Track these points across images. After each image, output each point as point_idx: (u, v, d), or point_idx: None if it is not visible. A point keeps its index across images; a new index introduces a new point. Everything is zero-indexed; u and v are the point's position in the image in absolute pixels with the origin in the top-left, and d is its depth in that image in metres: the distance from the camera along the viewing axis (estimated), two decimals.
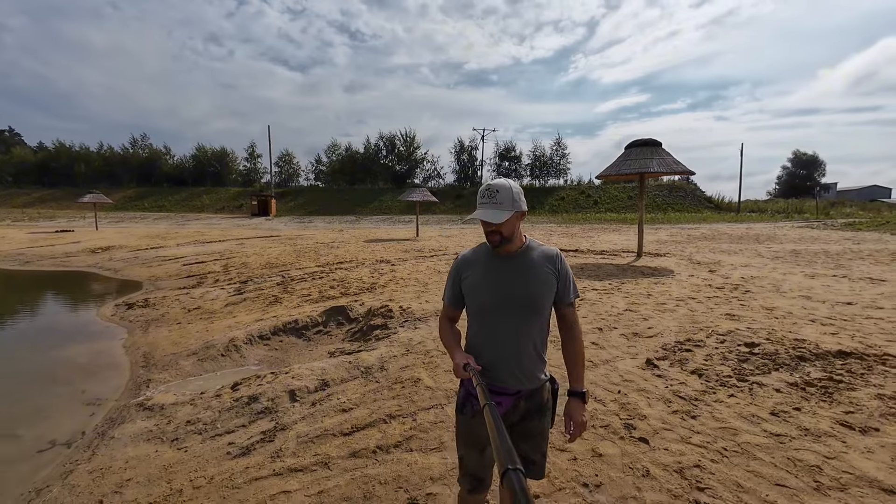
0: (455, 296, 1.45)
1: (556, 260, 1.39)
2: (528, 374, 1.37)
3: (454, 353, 1.35)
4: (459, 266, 1.45)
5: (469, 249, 1.49)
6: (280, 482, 2.25)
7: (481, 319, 1.39)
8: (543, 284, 1.35)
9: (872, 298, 4.73)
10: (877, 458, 1.94)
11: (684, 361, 3.15)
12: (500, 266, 1.37)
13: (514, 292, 1.34)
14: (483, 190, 1.35)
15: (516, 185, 1.34)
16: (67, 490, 2.44)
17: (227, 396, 3.41)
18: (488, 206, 1.32)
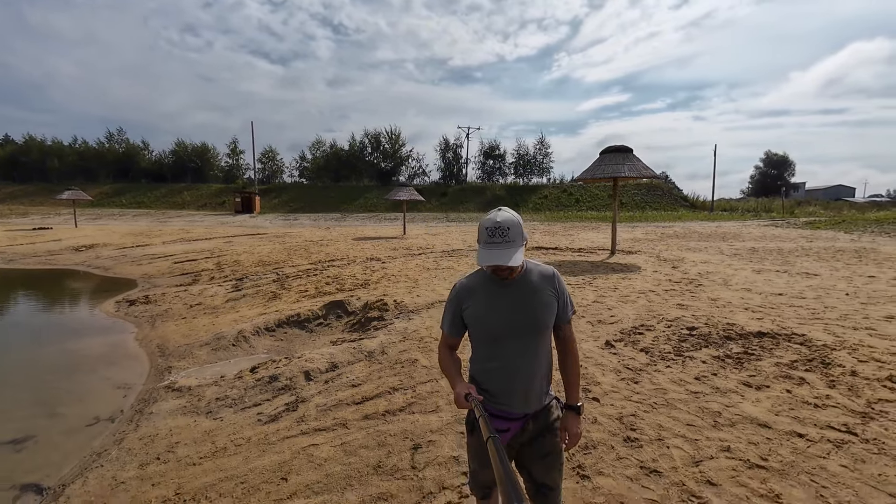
0: (455, 325, 1.42)
1: (554, 280, 1.39)
2: (538, 397, 1.37)
3: (455, 382, 1.33)
4: (460, 295, 1.41)
5: (466, 277, 1.46)
6: (308, 439, 2.79)
7: (488, 347, 1.38)
8: (547, 307, 1.36)
9: (801, 290, 5.54)
10: (761, 405, 2.62)
11: (636, 342, 3.82)
12: (503, 293, 1.35)
13: (520, 318, 1.33)
14: (491, 228, 1.27)
15: (517, 215, 1.33)
16: (124, 452, 2.93)
17: (249, 378, 3.92)
18: (501, 245, 1.26)
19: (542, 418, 1.40)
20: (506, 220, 1.28)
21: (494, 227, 1.26)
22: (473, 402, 1.21)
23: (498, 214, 1.30)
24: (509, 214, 1.30)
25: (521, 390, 1.34)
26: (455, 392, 1.29)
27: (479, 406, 1.17)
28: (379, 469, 2.38)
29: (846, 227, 18.77)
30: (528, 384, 1.35)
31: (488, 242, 1.27)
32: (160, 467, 2.69)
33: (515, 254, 1.25)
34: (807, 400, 2.65)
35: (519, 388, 1.34)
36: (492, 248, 1.26)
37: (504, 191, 39.73)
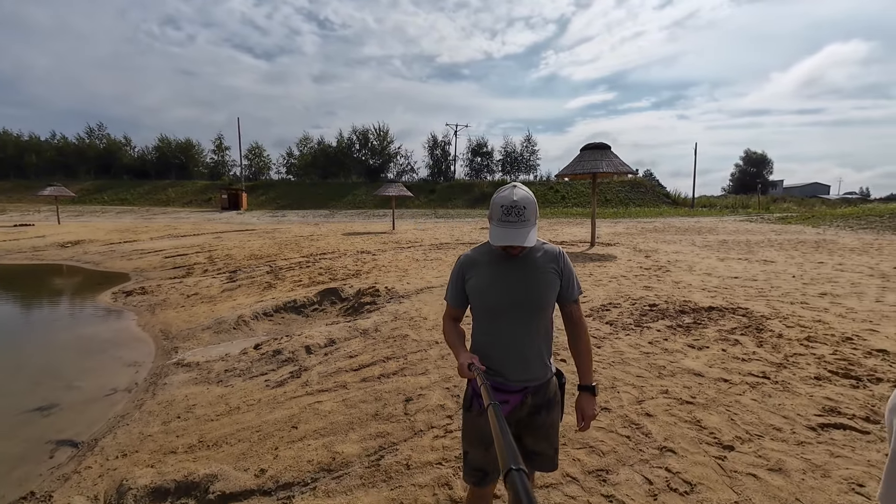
0: (458, 296, 1.42)
1: (559, 259, 1.38)
2: (535, 372, 1.37)
3: (459, 352, 1.33)
4: (463, 266, 1.42)
5: (472, 249, 1.46)
6: (312, 398, 3.18)
7: (488, 320, 1.39)
8: (549, 285, 1.35)
9: (755, 274, 6.12)
10: (699, 361, 3.11)
11: (603, 317, 4.30)
12: (506, 267, 1.35)
13: (520, 294, 1.33)
14: (507, 206, 1.25)
15: (531, 193, 1.31)
16: (146, 414, 3.28)
17: (253, 353, 4.28)
18: (517, 224, 1.25)
19: (542, 393, 1.39)
20: (522, 198, 1.25)
21: (511, 205, 1.23)
22: (476, 371, 1.20)
23: (514, 192, 1.26)
24: (525, 192, 1.27)
25: (517, 365, 1.35)
26: (459, 362, 1.29)
27: (481, 375, 1.16)
28: (376, 416, 2.79)
29: (814, 221, 19.74)
30: (524, 359, 1.35)
31: (503, 220, 1.24)
32: (181, 423, 3.05)
33: (530, 233, 1.24)
34: (736, 356, 3.15)
35: (516, 361, 1.35)
36: (507, 227, 1.24)
37: (492, 188, 40.26)
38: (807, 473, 1.91)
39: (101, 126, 50.59)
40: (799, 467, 1.95)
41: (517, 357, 1.35)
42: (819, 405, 2.43)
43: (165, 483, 2.33)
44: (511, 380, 1.36)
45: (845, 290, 4.94)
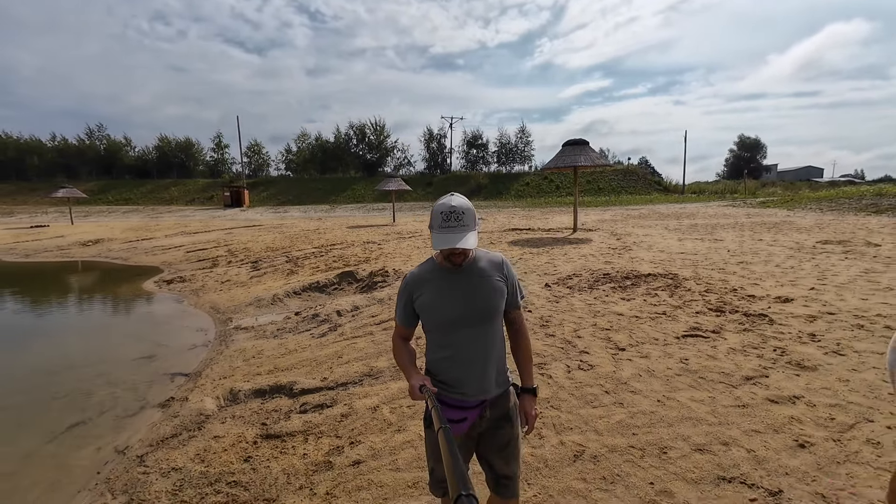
0: (408, 316, 1.43)
1: (503, 266, 1.41)
2: (492, 383, 1.38)
3: (410, 374, 1.34)
4: (409, 285, 1.42)
5: (417, 267, 1.46)
6: (348, 342, 4.41)
7: (440, 335, 1.39)
8: (497, 294, 1.37)
9: (699, 250, 7.37)
10: (624, 306, 4.36)
11: (565, 283, 5.54)
12: (453, 281, 1.36)
13: (470, 306, 1.34)
14: (447, 212, 1.29)
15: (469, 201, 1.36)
16: (228, 357, 4.50)
17: (295, 318, 5.51)
18: (457, 229, 1.28)
19: (500, 405, 1.41)
20: (460, 204, 1.30)
21: (450, 211, 1.28)
22: (427, 393, 1.22)
23: (452, 199, 1.33)
24: (463, 199, 1.33)
25: (475, 378, 1.36)
26: (410, 384, 1.30)
27: (432, 397, 1.19)
28: None
29: (791, 205, 20.93)
30: (483, 371, 1.36)
31: (443, 227, 1.29)
32: (257, 360, 4.28)
33: (470, 237, 1.27)
34: (651, 303, 4.41)
35: (473, 375, 1.36)
36: (447, 233, 1.28)
37: (487, 179, 41.26)
38: (661, 358, 3.16)
39: (100, 127, 51.30)
40: (659, 355, 3.21)
41: (473, 369, 1.36)
42: (688, 326, 3.68)
43: (262, 387, 3.57)
44: (469, 395, 1.36)
45: (759, 259, 6.20)
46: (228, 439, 2.83)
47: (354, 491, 2.17)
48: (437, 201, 1.35)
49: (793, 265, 5.74)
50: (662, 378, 2.86)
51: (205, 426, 3.08)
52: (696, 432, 2.23)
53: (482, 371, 1.37)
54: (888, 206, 14.87)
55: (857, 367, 2.76)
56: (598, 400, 2.66)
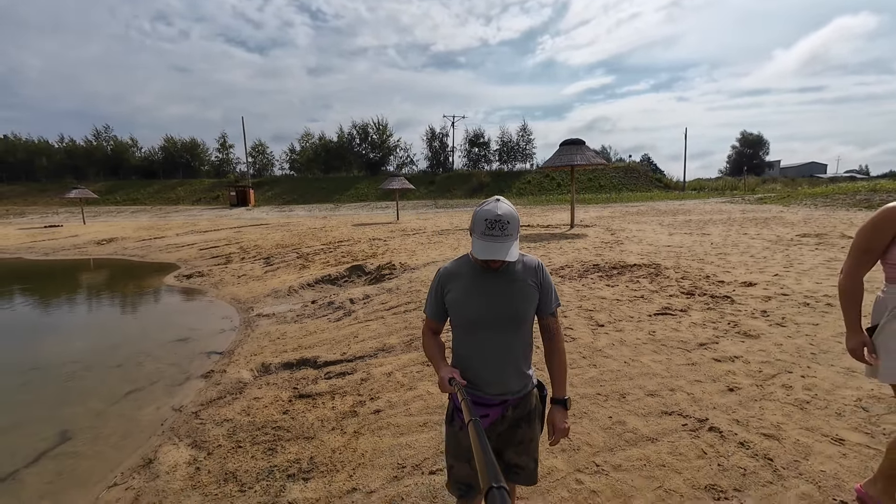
0: (438, 310, 1.44)
1: (538, 271, 1.40)
2: (515, 384, 1.39)
3: (439, 367, 1.36)
4: (442, 280, 1.43)
5: (451, 262, 1.46)
6: (362, 324, 4.96)
7: (467, 333, 1.40)
8: (528, 297, 1.36)
9: (684, 243, 7.87)
10: (608, 291, 4.89)
11: (557, 272, 6.07)
12: (486, 280, 1.35)
13: (499, 308, 1.34)
14: (492, 220, 1.26)
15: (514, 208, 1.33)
16: (254, 339, 5.06)
17: (312, 306, 6.07)
18: (500, 238, 1.26)
19: (522, 406, 1.42)
20: (506, 213, 1.28)
21: (495, 219, 1.26)
22: (457, 386, 1.22)
23: (498, 206, 1.29)
24: (509, 207, 1.31)
25: (498, 376, 1.36)
26: (439, 376, 1.31)
27: (462, 390, 1.19)
28: (406, 327, 4.57)
29: (787, 201, 21.29)
30: (501, 373, 1.36)
31: (487, 234, 1.26)
32: (282, 340, 4.84)
33: (513, 248, 1.27)
34: (632, 288, 4.94)
35: (496, 374, 1.36)
36: (491, 241, 1.26)
37: (489, 177, 41.70)
38: (633, 331, 3.69)
39: (107, 128, 52.01)
40: (632, 329, 3.74)
41: (497, 370, 1.36)
42: (661, 306, 4.22)
43: (289, 361, 4.12)
44: (491, 393, 1.37)
45: (737, 251, 6.72)
46: (267, 399, 3.39)
47: (377, 430, 2.71)
48: (482, 206, 1.32)
49: (766, 255, 6.25)
50: (631, 346, 3.39)
51: (244, 391, 3.64)
52: (651, 383, 2.77)
53: (503, 372, 1.37)
54: (880, 202, 15.29)
55: (793, 335, 3.29)
56: (575, 363, 3.20)
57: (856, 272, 1.61)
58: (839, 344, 3.02)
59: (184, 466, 2.58)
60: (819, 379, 2.61)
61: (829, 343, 3.09)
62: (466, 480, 1.43)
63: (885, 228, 1.54)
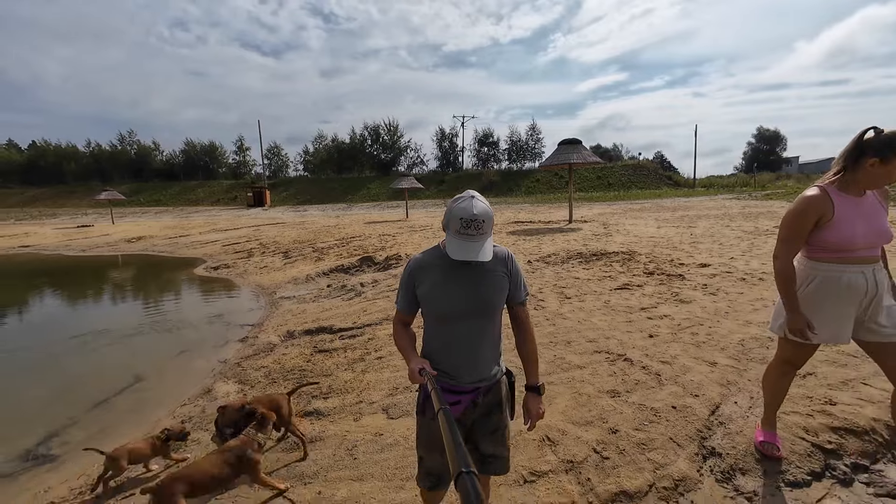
0: (409, 302, 1.44)
1: (507, 261, 1.42)
2: (487, 372, 1.42)
3: (410, 358, 1.37)
4: (413, 272, 1.43)
5: (421, 253, 1.46)
6: (370, 303, 5.79)
7: (439, 324, 1.42)
8: (500, 288, 1.39)
9: (668, 234, 8.51)
10: (584, 273, 5.62)
11: (543, 260, 6.81)
12: (457, 272, 1.36)
13: (472, 298, 1.36)
14: (467, 220, 1.26)
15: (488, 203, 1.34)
16: (278, 315, 5.93)
17: (327, 289, 6.93)
18: (475, 238, 1.29)
19: (493, 392, 1.46)
20: (482, 212, 1.28)
21: (471, 219, 1.26)
22: (427, 376, 1.25)
23: (474, 204, 1.29)
24: (484, 205, 1.31)
25: (469, 367, 1.40)
26: (409, 367, 1.33)
27: (432, 380, 1.21)
28: None
29: (792, 196, 21.47)
30: (476, 361, 1.40)
31: (462, 233, 1.28)
32: (302, 315, 5.70)
33: (487, 246, 1.30)
34: (604, 271, 5.66)
35: (467, 364, 1.40)
36: (466, 241, 1.28)
37: (498, 176, 42.29)
38: (593, 301, 4.43)
39: (131, 132, 54.33)
40: (593, 300, 4.48)
41: (470, 358, 1.40)
42: (622, 282, 4.94)
43: (310, 328, 4.97)
44: (464, 381, 1.40)
45: (711, 240, 7.36)
46: (292, 354, 4.24)
47: (379, 369, 3.53)
48: (456, 202, 1.33)
49: (733, 244, 6.88)
50: (587, 311, 4.14)
51: (274, 350, 4.50)
52: (592, 334, 3.52)
53: (476, 361, 1.40)
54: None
55: (718, 301, 3.99)
56: (539, 324, 3.96)
57: (790, 258, 1.78)
58: (750, 305, 3.73)
59: (234, 393, 3.43)
60: (720, 328, 3.33)
61: (742, 306, 3.80)
62: (436, 471, 1.46)
63: (809, 214, 1.72)
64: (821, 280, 1.75)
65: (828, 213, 1.70)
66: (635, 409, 2.40)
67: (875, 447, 1.96)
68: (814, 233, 1.74)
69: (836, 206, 1.70)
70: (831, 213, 1.70)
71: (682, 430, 2.19)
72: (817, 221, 1.72)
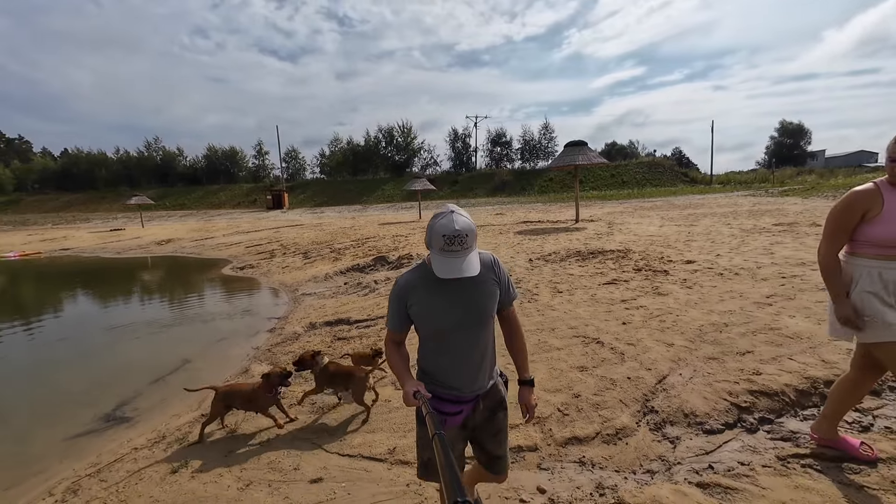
0: (401, 322, 1.44)
1: (494, 267, 1.44)
2: (486, 377, 1.47)
3: (405, 381, 1.37)
4: (402, 293, 1.41)
5: (408, 272, 1.46)
6: (383, 297, 6.38)
7: (436, 340, 1.43)
8: (490, 296, 1.41)
9: (667, 233, 8.86)
10: (578, 270, 6.10)
11: (544, 258, 7.30)
12: (447, 287, 1.35)
13: (464, 312, 1.37)
14: (450, 236, 1.25)
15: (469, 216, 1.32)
16: (301, 309, 6.58)
17: (344, 286, 7.57)
18: (460, 253, 1.27)
19: (492, 395, 1.51)
20: (464, 226, 1.26)
21: (453, 234, 1.24)
22: (421, 399, 1.26)
23: (455, 220, 1.27)
24: (466, 220, 1.29)
25: (471, 376, 1.43)
26: (404, 391, 1.33)
27: (426, 403, 1.22)
28: None
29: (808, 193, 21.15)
30: (478, 369, 1.43)
31: (446, 250, 1.27)
32: (323, 309, 6.34)
33: (473, 259, 1.29)
34: (598, 268, 6.12)
35: (469, 374, 1.42)
36: (451, 258, 1.26)
37: (511, 176, 42.51)
38: (581, 295, 4.91)
39: (157, 139, 56.60)
40: (582, 293, 4.96)
41: (469, 368, 1.42)
42: (611, 278, 5.40)
43: (329, 320, 5.60)
44: (464, 391, 1.43)
45: (706, 238, 7.71)
46: (315, 341, 4.86)
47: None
48: (436, 219, 1.31)
49: (725, 241, 7.23)
50: (574, 303, 4.64)
51: (299, 338, 5.13)
52: (575, 322, 4.03)
53: (477, 370, 1.43)
54: None
55: (691, 294, 4.44)
56: (530, 315, 4.48)
57: (833, 251, 1.75)
58: (719, 297, 4.16)
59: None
60: (686, 317, 3.79)
61: (712, 297, 4.23)
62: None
63: (855, 209, 1.68)
64: (867, 274, 1.70)
65: (875, 208, 1.65)
66: (597, 379, 2.91)
67: (781, 406, 2.43)
68: (860, 227, 1.69)
69: (885, 201, 1.64)
70: (880, 207, 1.64)
71: (631, 394, 2.69)
72: (864, 215, 1.67)
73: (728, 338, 3.27)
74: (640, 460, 2.15)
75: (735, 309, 3.86)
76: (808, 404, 2.43)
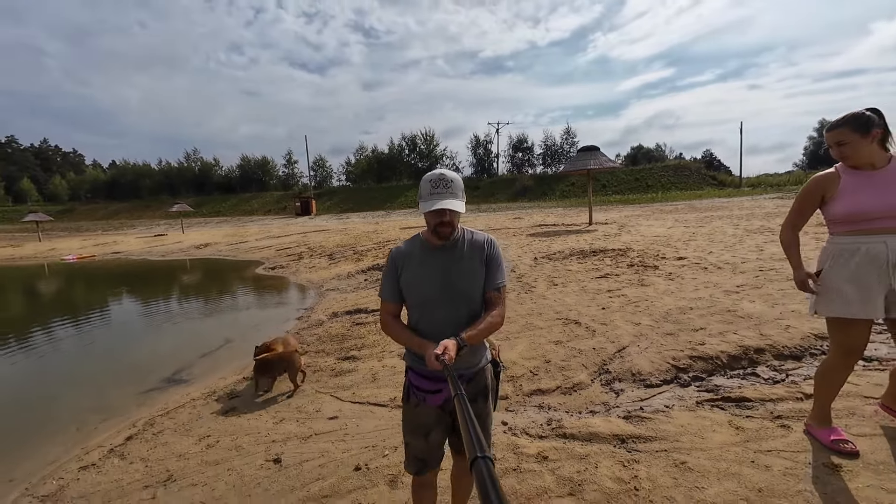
0: (394, 291, 1.46)
1: (486, 247, 1.45)
2: (469, 360, 1.43)
3: (422, 345, 1.36)
4: (395, 260, 1.46)
5: (403, 243, 1.50)
6: None
7: (421, 311, 1.44)
8: (475, 275, 1.42)
9: (672, 234, 9.14)
10: (576, 266, 6.58)
11: (549, 257, 7.80)
12: (437, 258, 1.41)
13: (451, 284, 1.40)
14: (435, 179, 1.36)
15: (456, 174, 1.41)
16: (326, 301, 7.34)
17: (364, 283, 8.31)
18: (444, 194, 1.34)
19: (477, 381, 1.48)
20: (448, 173, 1.37)
21: (438, 178, 1.36)
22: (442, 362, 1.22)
23: (441, 170, 1.39)
24: (451, 172, 1.40)
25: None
26: (426, 354, 1.30)
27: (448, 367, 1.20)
28: None
29: None
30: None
31: (432, 192, 1.35)
32: (345, 301, 7.07)
33: (460, 202, 1.35)
34: (595, 265, 6.58)
35: None
36: (436, 197, 1.34)
37: (533, 181, 42.73)
38: (574, 286, 5.40)
39: (195, 150, 60.17)
40: (574, 285, 5.46)
41: None
42: (605, 272, 5.86)
43: (350, 309, 6.30)
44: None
45: (706, 238, 7.98)
46: (337, 327, 5.57)
47: None
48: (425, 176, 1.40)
49: (722, 240, 7.51)
50: (565, 293, 5.15)
51: (323, 324, 5.86)
52: (562, 308, 4.55)
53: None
54: None
55: (670, 284, 4.87)
56: (525, 303, 5.02)
57: (791, 227, 1.95)
58: (694, 287, 4.58)
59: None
60: (659, 303, 4.25)
61: (687, 287, 4.66)
62: (422, 455, 1.50)
63: (815, 192, 1.85)
64: (838, 252, 1.83)
65: (832, 189, 1.80)
66: (567, 350, 3.45)
67: (713, 367, 2.90)
68: (825, 209, 1.86)
69: (841, 181, 1.80)
70: (836, 187, 1.80)
71: (592, 360, 3.22)
72: (823, 197, 1.84)
73: (688, 318, 3.73)
74: (587, 405, 2.69)
75: (705, 296, 4.29)
76: (736, 367, 2.90)
